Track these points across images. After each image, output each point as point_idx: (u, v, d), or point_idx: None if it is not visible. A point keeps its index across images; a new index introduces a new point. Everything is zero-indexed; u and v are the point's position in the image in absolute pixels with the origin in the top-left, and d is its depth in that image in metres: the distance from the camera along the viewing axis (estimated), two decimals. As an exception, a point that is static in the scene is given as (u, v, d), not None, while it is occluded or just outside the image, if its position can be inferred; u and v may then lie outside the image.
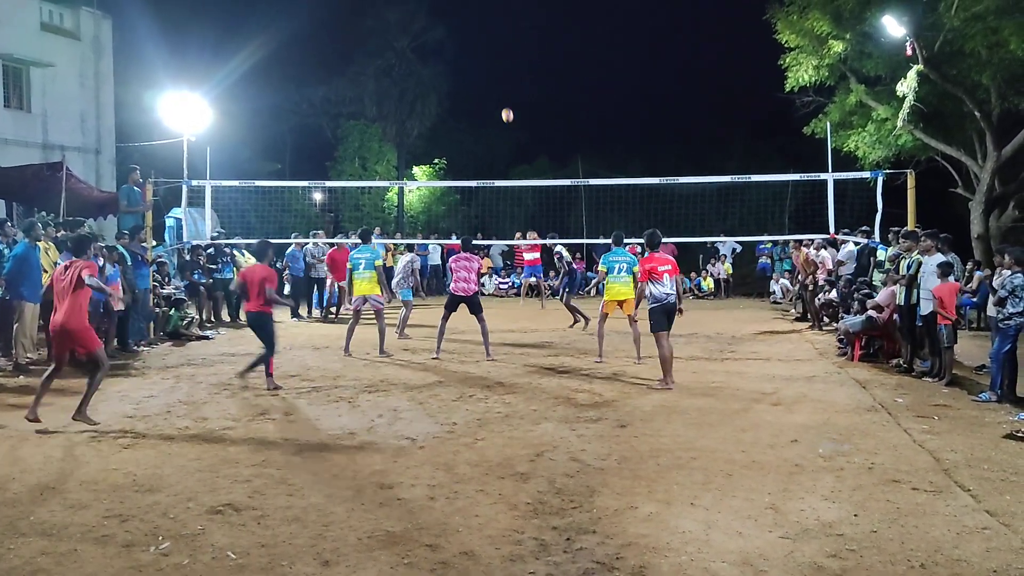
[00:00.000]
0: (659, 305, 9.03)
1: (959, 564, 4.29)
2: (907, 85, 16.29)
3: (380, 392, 8.90)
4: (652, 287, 9.03)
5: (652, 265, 9.07)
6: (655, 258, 9.17)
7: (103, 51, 23.40)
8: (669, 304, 9.04)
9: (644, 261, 9.23)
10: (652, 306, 9.08)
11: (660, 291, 9.02)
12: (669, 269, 9.15)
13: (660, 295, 9.02)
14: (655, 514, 5.03)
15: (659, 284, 9.03)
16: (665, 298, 9.02)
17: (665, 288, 9.02)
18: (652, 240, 9.37)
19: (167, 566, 4.21)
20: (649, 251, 9.32)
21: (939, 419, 7.71)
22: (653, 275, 9.03)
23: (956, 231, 12.86)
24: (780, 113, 22.00)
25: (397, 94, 31.47)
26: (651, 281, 9.03)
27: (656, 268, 9.06)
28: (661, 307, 9.03)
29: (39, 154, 20.27)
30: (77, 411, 7.25)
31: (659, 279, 9.03)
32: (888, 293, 10.86)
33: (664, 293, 9.02)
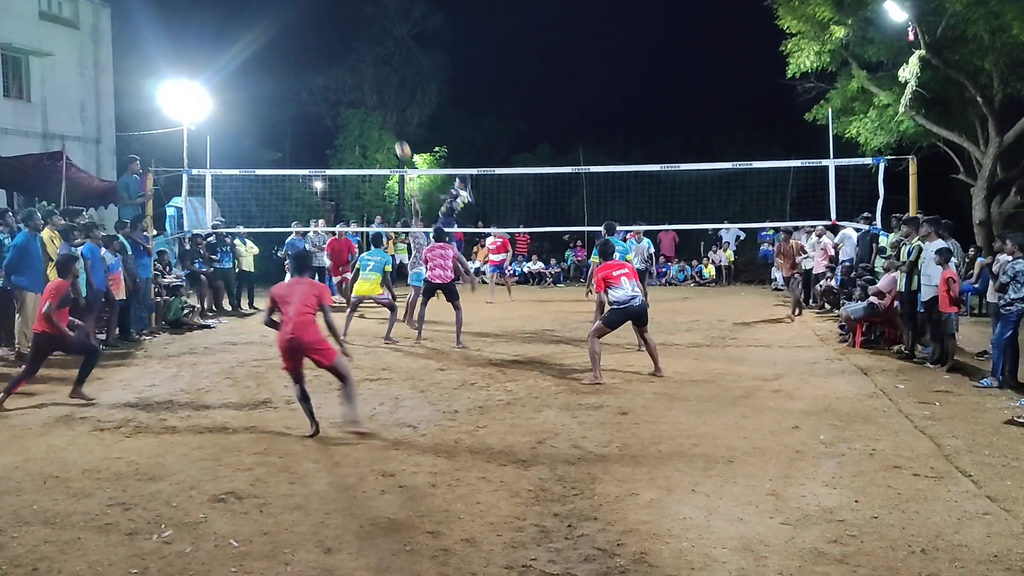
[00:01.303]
0: (622, 308, 8.76)
1: (960, 549, 4.30)
2: (909, 71, 16.21)
3: (382, 380, 8.91)
4: (612, 293, 8.78)
5: (606, 273, 8.86)
6: (608, 265, 8.98)
7: (102, 40, 23.32)
8: (633, 307, 8.77)
9: (598, 271, 9.03)
10: (614, 308, 8.81)
11: (621, 294, 8.75)
12: (626, 272, 8.92)
13: (623, 298, 8.74)
14: (656, 501, 5.04)
15: (618, 288, 8.78)
16: (629, 300, 8.73)
17: (626, 291, 8.75)
18: (605, 250, 9.25)
19: (170, 554, 4.22)
20: (602, 260, 9.15)
21: (940, 405, 7.71)
22: (609, 281, 8.80)
23: (958, 217, 12.84)
24: (782, 100, 21.91)
25: (397, 82, 31.35)
26: (609, 288, 8.80)
27: (611, 274, 8.84)
28: (624, 310, 8.77)
29: (39, 144, 20.23)
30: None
31: (617, 284, 8.79)
32: (889, 279, 10.85)
33: (627, 296, 8.73)
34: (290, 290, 6.67)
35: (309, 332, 6.50)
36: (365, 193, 29.97)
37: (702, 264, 23.98)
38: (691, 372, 9.33)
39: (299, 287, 6.69)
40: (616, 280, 8.78)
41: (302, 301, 6.53)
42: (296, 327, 6.44)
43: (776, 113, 27.73)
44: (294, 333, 6.43)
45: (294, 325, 6.44)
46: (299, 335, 6.44)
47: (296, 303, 6.51)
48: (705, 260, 24.02)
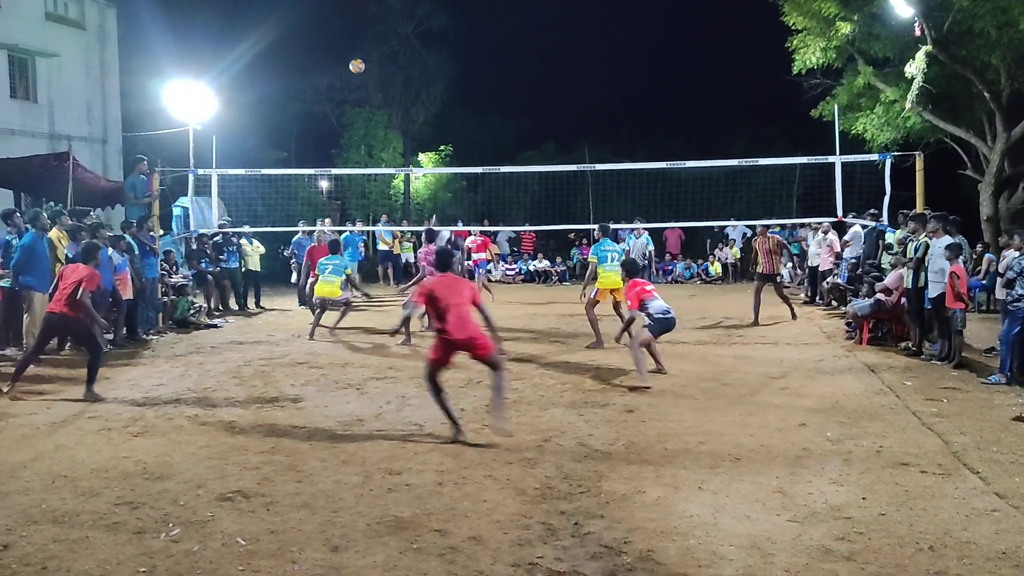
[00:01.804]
0: (665, 318, 8.87)
1: (968, 546, 4.29)
2: (915, 66, 16.14)
3: (388, 379, 8.92)
4: (651, 305, 8.86)
5: (640, 288, 8.96)
6: (638, 282, 9.11)
7: (108, 40, 23.37)
8: (673, 318, 8.95)
9: (630, 287, 9.06)
10: (658, 318, 8.83)
11: (661, 305, 8.91)
12: (653, 289, 9.20)
13: (663, 308, 8.89)
14: (663, 498, 5.04)
15: (655, 301, 8.92)
16: (668, 311, 8.89)
17: (663, 303, 8.94)
18: (632, 268, 9.40)
19: (177, 552, 4.24)
20: (630, 278, 9.23)
21: (948, 402, 7.69)
22: (644, 296, 8.90)
23: (965, 213, 12.79)
24: (787, 96, 21.84)
25: (402, 81, 31.36)
26: (646, 302, 8.88)
27: (644, 289, 8.98)
28: (666, 320, 8.88)
29: (46, 144, 20.29)
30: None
31: (651, 297, 8.93)
32: (896, 276, 10.81)
33: (665, 307, 8.91)
34: (446, 287, 6.55)
35: (471, 326, 6.48)
36: (371, 192, 30.00)
37: (708, 262, 23.94)
38: (697, 370, 9.31)
39: (454, 283, 6.65)
40: (650, 295, 8.93)
41: (461, 296, 6.52)
42: (460, 322, 6.42)
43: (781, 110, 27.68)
44: (459, 329, 6.40)
45: (459, 320, 6.41)
46: (464, 330, 6.42)
47: (456, 299, 6.47)
48: (711, 258, 23.97)
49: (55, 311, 8.05)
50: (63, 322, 8.06)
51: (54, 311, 8.07)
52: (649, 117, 36.51)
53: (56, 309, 8.04)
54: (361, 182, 29.36)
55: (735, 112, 33.83)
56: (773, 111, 30.23)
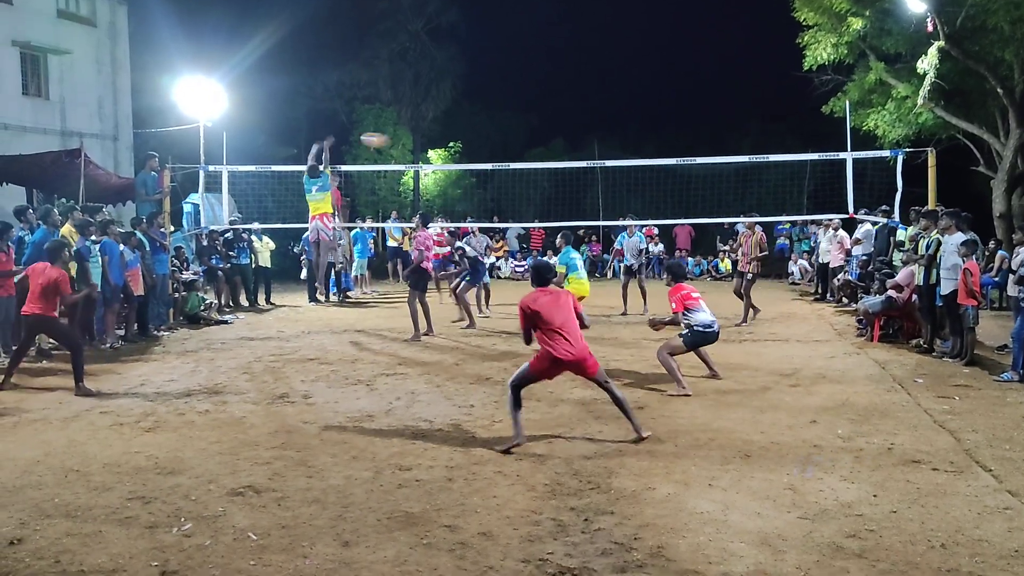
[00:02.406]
0: (704, 331, 8.33)
1: (980, 544, 4.27)
2: (928, 62, 16.03)
3: (398, 375, 8.94)
4: (694, 315, 8.34)
5: (685, 294, 8.43)
6: (683, 287, 8.54)
7: (119, 37, 23.46)
8: (713, 332, 8.41)
9: (674, 290, 8.52)
10: (696, 330, 8.31)
11: (705, 318, 8.33)
12: (701, 296, 8.64)
13: (706, 321, 8.33)
14: (673, 495, 5.03)
15: (699, 312, 8.34)
16: (711, 324, 8.35)
17: (708, 315, 8.38)
18: (678, 271, 8.85)
19: (189, 547, 4.26)
20: (675, 281, 8.67)
21: (960, 399, 7.65)
22: (689, 303, 8.36)
23: (977, 210, 12.71)
24: (797, 93, 21.75)
25: (411, 77, 31.37)
26: (690, 311, 8.34)
27: (690, 295, 8.44)
28: (705, 334, 8.35)
29: (57, 141, 20.40)
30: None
31: (697, 306, 8.35)
32: (908, 273, 10.76)
33: (710, 320, 8.36)
34: (550, 305, 6.17)
35: (581, 344, 6.15)
36: (380, 189, 30.04)
37: (718, 258, 23.88)
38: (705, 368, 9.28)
39: (559, 298, 6.28)
40: (696, 302, 8.41)
41: (568, 311, 6.20)
42: (573, 341, 6.09)
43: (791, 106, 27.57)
44: (572, 349, 6.07)
45: (572, 339, 6.09)
46: (577, 351, 6.10)
47: (563, 315, 6.14)
48: (721, 254, 23.91)
49: (29, 312, 8.06)
50: (39, 322, 8.09)
51: (28, 313, 8.08)
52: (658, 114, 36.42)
53: (29, 311, 8.06)
54: (371, 179, 29.39)
55: (745, 108, 33.74)
56: (784, 107, 30.12)
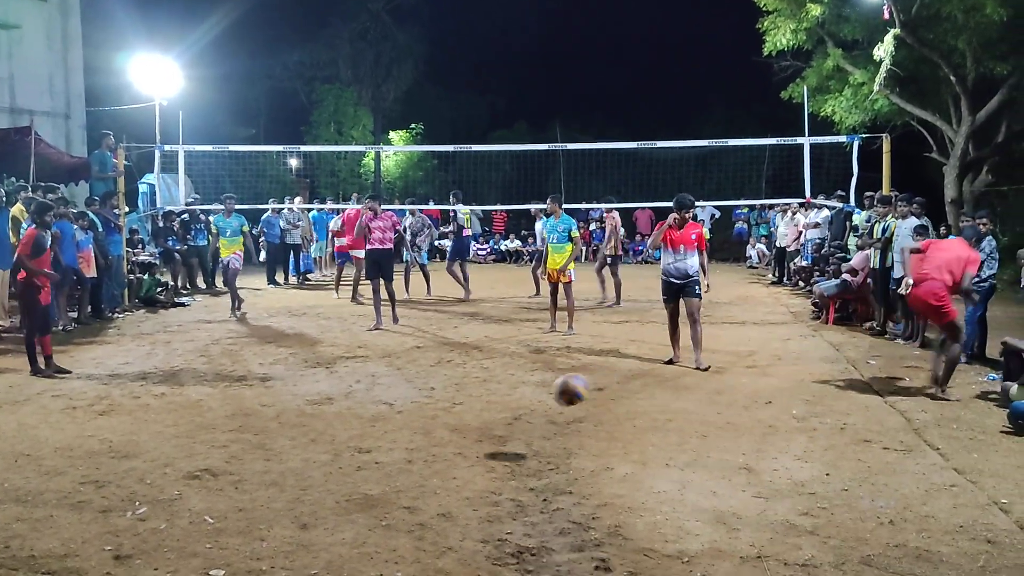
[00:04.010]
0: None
1: (927, 520, 4.39)
2: (884, 49, 16.25)
3: (358, 358, 8.89)
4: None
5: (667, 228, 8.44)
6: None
7: (70, 12, 22.76)
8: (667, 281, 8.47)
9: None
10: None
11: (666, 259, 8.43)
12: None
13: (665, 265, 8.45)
14: (631, 475, 5.09)
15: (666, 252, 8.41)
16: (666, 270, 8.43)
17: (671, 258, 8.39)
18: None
19: (144, 531, 4.21)
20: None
21: (910, 380, 7.83)
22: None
23: (930, 195, 12.92)
24: (759, 78, 21.91)
25: (372, 57, 30.98)
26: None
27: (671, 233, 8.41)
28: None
29: (7, 118, 19.76)
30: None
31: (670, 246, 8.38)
32: (862, 257, 10.96)
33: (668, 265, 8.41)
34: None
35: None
36: (340, 170, 29.71)
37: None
38: (666, 349, 9.36)
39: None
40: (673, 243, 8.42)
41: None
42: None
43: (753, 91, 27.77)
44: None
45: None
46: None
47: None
48: None
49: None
50: (19, 288, 8.08)
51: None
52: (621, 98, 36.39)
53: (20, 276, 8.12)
54: (331, 160, 29.06)
55: (708, 93, 33.87)
56: (745, 93, 30.32)
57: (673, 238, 8.37)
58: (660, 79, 35.93)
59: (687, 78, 35.01)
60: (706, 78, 34.13)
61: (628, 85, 37.00)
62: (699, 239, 8.45)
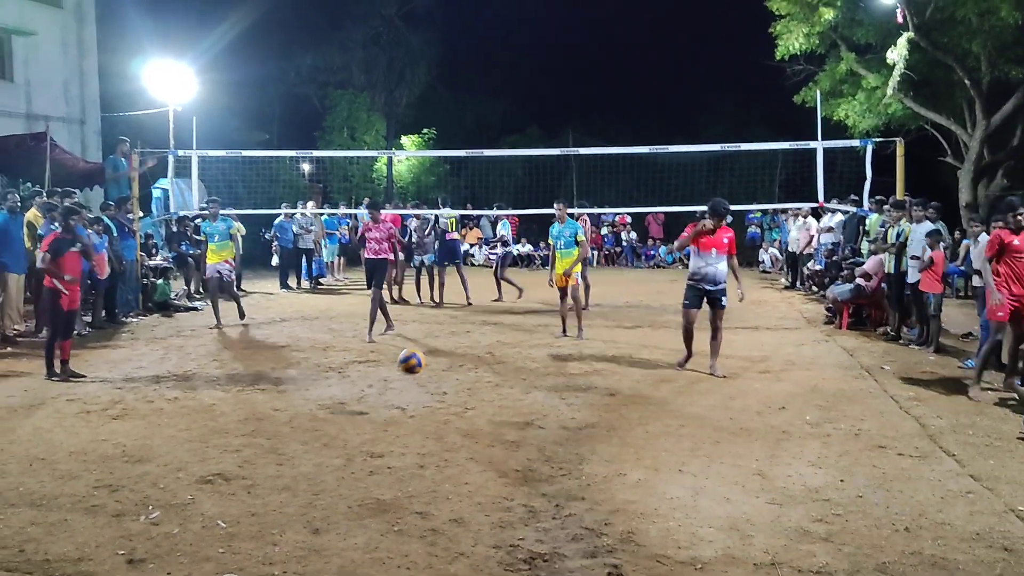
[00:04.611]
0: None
1: (943, 527, 4.35)
2: (897, 53, 16.17)
3: (370, 363, 8.90)
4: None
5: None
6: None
7: (86, 18, 22.98)
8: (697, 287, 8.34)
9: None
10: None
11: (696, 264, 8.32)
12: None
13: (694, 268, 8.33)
14: (643, 481, 5.07)
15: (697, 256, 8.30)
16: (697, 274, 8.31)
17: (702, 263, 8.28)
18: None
19: (157, 535, 4.22)
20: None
21: (925, 386, 7.77)
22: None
23: (944, 200, 12.84)
24: (771, 82, 21.84)
25: (385, 63, 31.08)
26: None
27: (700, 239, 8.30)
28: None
29: (23, 124, 19.97)
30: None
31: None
32: (876, 262, 10.89)
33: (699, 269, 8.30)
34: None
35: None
36: (353, 175, 29.81)
37: (691, 247, 23.97)
38: (678, 354, 9.33)
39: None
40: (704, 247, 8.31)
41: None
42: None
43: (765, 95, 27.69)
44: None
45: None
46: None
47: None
48: None
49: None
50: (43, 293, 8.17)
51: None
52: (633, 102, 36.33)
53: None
54: (343, 165, 29.15)
55: (720, 97, 33.80)
56: (756, 97, 30.24)
57: (705, 241, 8.23)
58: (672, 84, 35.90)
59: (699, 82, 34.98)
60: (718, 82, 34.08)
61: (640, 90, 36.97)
62: (730, 243, 8.31)
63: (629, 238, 24.46)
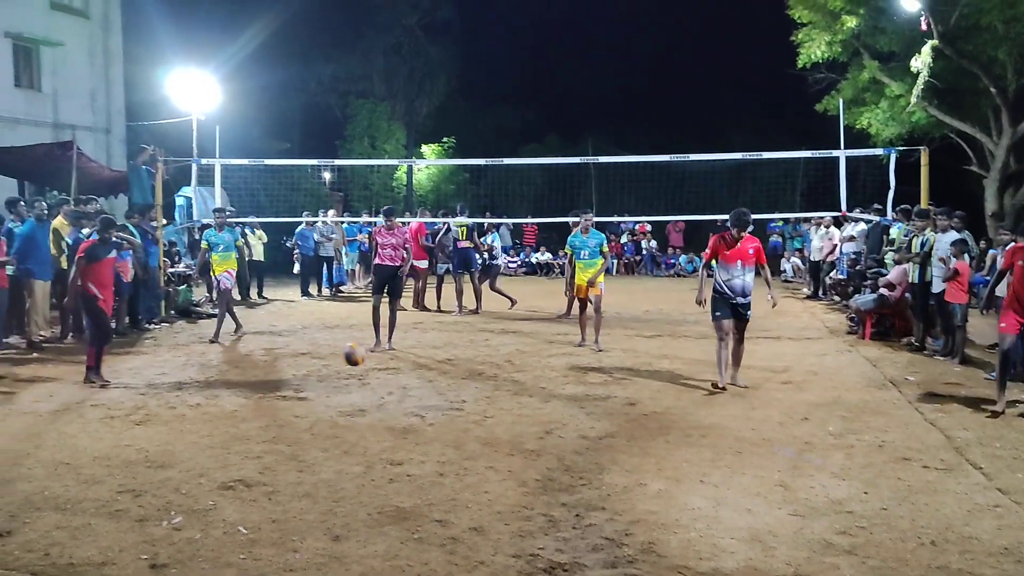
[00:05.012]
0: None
1: (970, 541, 4.29)
2: (921, 61, 16.07)
3: (390, 370, 8.92)
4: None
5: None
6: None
7: (112, 29, 23.33)
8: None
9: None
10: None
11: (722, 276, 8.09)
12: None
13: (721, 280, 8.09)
14: (664, 491, 5.04)
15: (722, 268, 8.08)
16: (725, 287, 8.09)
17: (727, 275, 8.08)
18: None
19: (179, 540, 4.24)
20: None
21: (951, 397, 7.67)
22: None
23: (970, 209, 12.72)
24: (792, 90, 21.76)
25: (406, 72, 31.29)
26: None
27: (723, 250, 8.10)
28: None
29: (50, 133, 20.26)
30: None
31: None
32: (900, 271, 10.79)
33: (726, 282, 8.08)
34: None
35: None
36: (373, 183, 29.98)
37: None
38: (700, 363, 9.30)
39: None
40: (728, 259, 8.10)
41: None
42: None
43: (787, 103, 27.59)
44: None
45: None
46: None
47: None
48: None
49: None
50: (81, 298, 8.15)
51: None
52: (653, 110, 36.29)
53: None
54: (364, 173, 29.32)
55: (740, 106, 33.74)
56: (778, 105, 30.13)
57: (728, 254, 8.03)
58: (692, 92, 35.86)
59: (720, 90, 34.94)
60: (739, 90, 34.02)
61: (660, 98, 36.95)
62: (757, 253, 8.09)
63: (649, 247, 24.42)
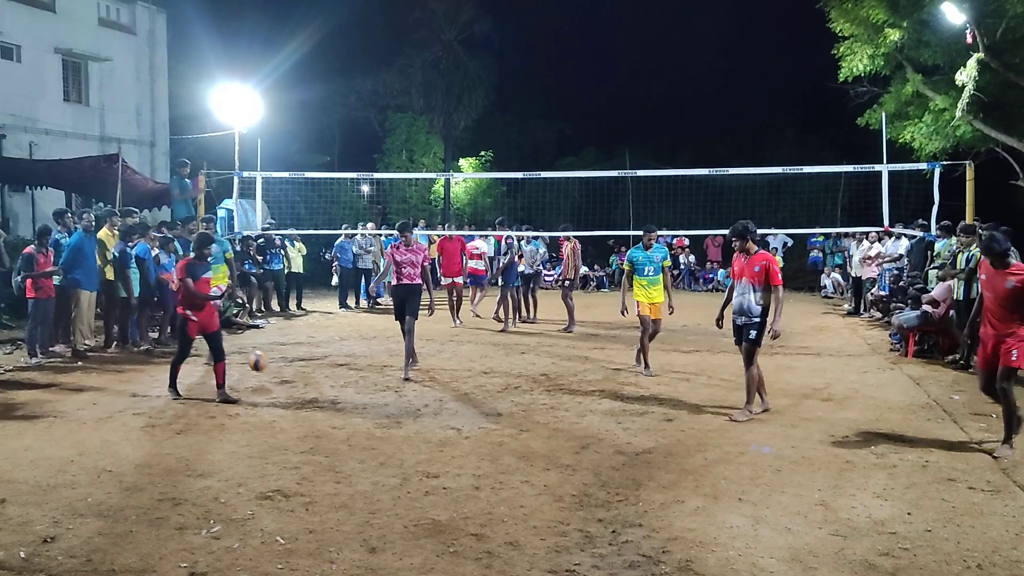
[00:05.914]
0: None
1: (1018, 565, 4.17)
2: (967, 74, 15.76)
3: (426, 382, 8.96)
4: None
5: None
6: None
7: (158, 45, 23.90)
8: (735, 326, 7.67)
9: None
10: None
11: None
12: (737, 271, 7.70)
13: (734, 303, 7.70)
14: (702, 508, 4.98)
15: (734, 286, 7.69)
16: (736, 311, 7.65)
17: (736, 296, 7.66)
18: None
19: (218, 549, 4.29)
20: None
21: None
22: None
23: (1016, 224, 12.41)
24: (833, 103, 21.50)
25: (444, 86, 31.53)
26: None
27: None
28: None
29: (96, 146, 20.80)
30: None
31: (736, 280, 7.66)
32: (944, 288, 10.58)
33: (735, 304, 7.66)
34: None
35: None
36: (411, 197, 30.22)
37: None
38: (738, 380, 9.17)
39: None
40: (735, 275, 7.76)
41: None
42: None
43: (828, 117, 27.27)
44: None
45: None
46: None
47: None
48: None
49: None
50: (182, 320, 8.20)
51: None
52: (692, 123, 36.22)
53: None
54: (402, 187, 29.59)
55: (780, 118, 33.44)
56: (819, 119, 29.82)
57: (736, 270, 7.75)
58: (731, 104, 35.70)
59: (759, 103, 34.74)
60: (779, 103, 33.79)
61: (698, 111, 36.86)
62: (764, 271, 7.40)
63: (688, 261, 24.24)
